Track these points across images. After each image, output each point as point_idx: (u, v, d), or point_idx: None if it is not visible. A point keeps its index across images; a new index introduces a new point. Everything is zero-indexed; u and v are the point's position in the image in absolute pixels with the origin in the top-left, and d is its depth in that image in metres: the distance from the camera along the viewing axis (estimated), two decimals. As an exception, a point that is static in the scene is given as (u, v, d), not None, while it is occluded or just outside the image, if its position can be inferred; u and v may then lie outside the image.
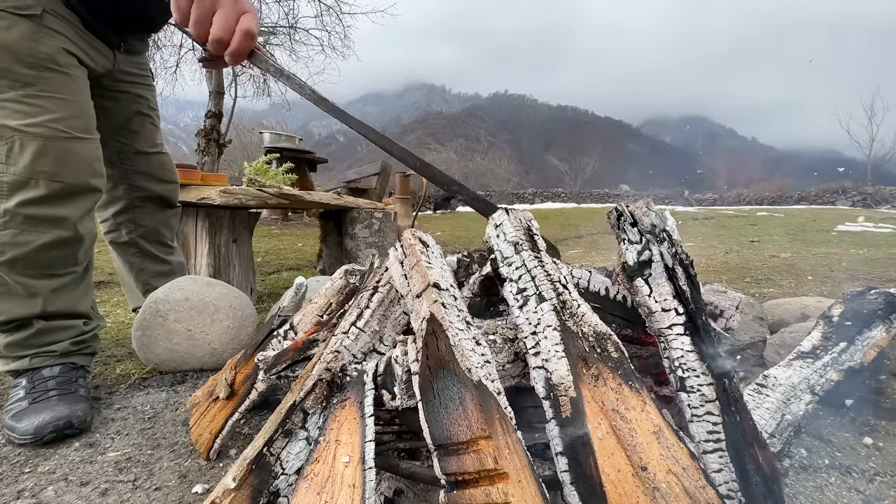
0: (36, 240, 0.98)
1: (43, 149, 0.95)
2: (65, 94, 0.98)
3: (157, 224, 1.49)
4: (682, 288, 0.62)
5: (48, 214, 0.98)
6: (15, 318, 1.04)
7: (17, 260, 0.98)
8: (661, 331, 0.63)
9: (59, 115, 0.96)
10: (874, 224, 6.60)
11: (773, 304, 1.65)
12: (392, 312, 0.78)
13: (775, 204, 16.59)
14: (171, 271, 1.56)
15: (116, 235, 1.45)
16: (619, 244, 0.68)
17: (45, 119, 0.94)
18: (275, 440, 0.63)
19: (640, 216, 0.66)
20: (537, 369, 0.61)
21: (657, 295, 0.63)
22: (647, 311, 0.64)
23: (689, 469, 0.50)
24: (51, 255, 1.02)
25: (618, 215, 0.69)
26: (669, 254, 0.64)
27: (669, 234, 0.65)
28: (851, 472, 0.84)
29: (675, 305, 0.62)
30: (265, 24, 9.43)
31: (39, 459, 0.91)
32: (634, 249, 0.66)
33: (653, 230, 0.65)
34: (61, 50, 0.98)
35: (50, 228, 0.99)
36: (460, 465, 0.51)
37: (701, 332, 0.61)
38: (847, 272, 2.94)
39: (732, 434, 0.56)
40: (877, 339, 1.04)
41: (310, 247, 4.60)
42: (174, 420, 1.07)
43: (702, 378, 0.58)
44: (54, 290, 1.06)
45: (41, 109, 0.94)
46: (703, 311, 0.63)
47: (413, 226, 3.24)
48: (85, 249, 1.11)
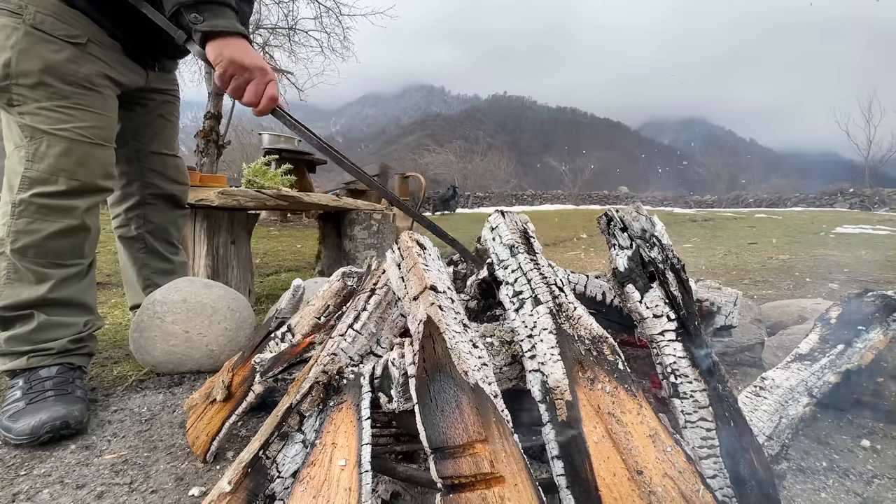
0: (47, 228, 1.08)
1: (67, 150, 1.09)
2: (94, 108, 1.14)
3: (165, 222, 1.55)
4: (673, 293, 0.62)
5: (60, 205, 1.09)
6: (20, 304, 1.08)
7: (28, 247, 1.07)
8: (652, 337, 0.63)
9: (85, 124, 1.12)
10: (872, 226, 6.61)
11: (771, 307, 1.65)
12: (389, 315, 0.78)
13: (774, 206, 16.62)
14: (174, 270, 1.59)
15: (126, 230, 1.52)
16: (610, 249, 0.67)
17: (72, 126, 1.10)
18: (271, 443, 0.63)
19: (630, 221, 0.66)
20: (533, 372, 0.60)
21: (648, 301, 0.63)
22: (638, 317, 0.64)
23: (685, 473, 0.50)
24: (60, 244, 1.10)
25: (608, 220, 0.69)
26: (660, 258, 0.64)
27: (659, 239, 0.65)
28: (849, 475, 0.84)
29: (666, 311, 0.62)
30: (264, 24, 9.44)
31: (35, 462, 0.90)
32: (625, 255, 0.66)
33: (643, 235, 0.65)
34: (98, 73, 1.15)
35: (60, 217, 1.09)
36: (457, 469, 0.51)
37: (693, 338, 0.60)
38: (845, 274, 2.95)
39: (727, 440, 0.55)
40: (874, 342, 1.04)
41: (308, 248, 4.59)
42: (171, 422, 1.07)
43: (695, 384, 0.58)
44: (62, 279, 1.12)
45: (71, 118, 1.10)
46: (696, 315, 0.63)
47: (412, 227, 3.25)
48: (90, 243, 1.18)
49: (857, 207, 14.44)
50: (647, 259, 0.64)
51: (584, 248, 4.82)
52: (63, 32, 1.08)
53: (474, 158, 45.09)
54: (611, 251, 0.68)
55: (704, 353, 0.60)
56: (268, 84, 1.00)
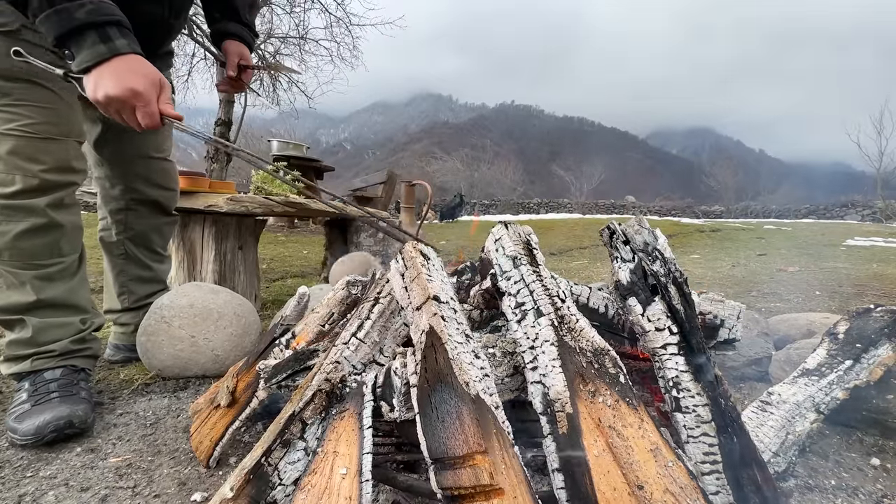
0: (13, 229, 1.05)
1: (17, 148, 1.04)
2: (40, 102, 1.07)
3: (147, 229, 1.49)
4: (675, 307, 0.62)
5: (20, 205, 1.06)
6: (9, 308, 1.08)
7: (1, 250, 1.06)
8: (654, 350, 0.62)
9: (31, 120, 1.05)
10: (884, 239, 6.52)
11: (778, 320, 1.63)
12: (392, 324, 0.79)
13: (783, 217, 16.44)
14: (153, 278, 1.54)
15: (107, 234, 1.48)
16: (612, 262, 0.67)
17: (17, 125, 1.04)
18: (273, 450, 0.63)
19: (632, 234, 0.66)
20: (535, 384, 0.61)
21: (650, 314, 0.63)
22: (640, 330, 0.64)
23: (686, 488, 0.50)
24: (31, 243, 1.08)
25: (610, 233, 0.69)
26: (662, 272, 0.64)
27: (662, 253, 0.65)
28: (858, 494, 0.83)
29: (668, 325, 0.62)
30: (276, 34, 9.61)
31: (41, 464, 0.91)
32: (627, 268, 0.66)
33: (645, 248, 0.65)
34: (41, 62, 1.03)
35: (24, 217, 1.06)
36: (456, 480, 0.51)
37: (696, 352, 0.60)
38: (856, 287, 2.90)
39: (729, 455, 0.55)
40: (883, 358, 1.03)
41: (315, 254, 4.62)
42: (175, 426, 1.08)
43: (697, 398, 0.57)
44: (42, 279, 1.10)
45: (16, 116, 1.04)
46: (698, 329, 0.62)
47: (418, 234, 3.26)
48: (67, 240, 1.14)
49: (868, 219, 14.25)
50: (649, 272, 0.64)
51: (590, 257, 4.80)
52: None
53: (481, 166, 45.22)
54: (613, 264, 0.68)
55: (707, 368, 0.59)
56: (145, 105, 0.91)
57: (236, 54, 1.39)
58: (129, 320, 1.50)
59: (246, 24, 1.43)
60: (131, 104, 0.90)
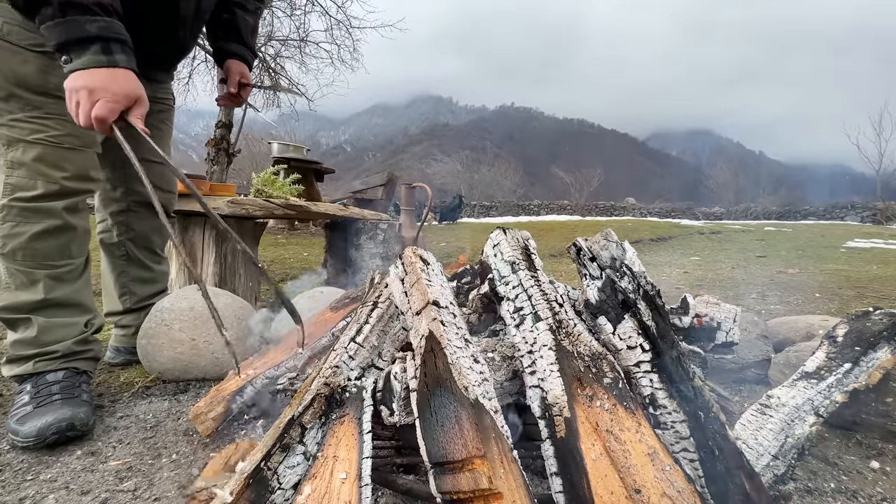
0: (30, 230, 1.10)
1: (42, 155, 1.11)
2: (66, 116, 1.12)
3: (148, 230, 1.53)
4: (646, 323, 0.60)
5: (39, 207, 1.12)
6: (18, 306, 1.11)
7: (16, 250, 1.10)
8: (628, 368, 0.61)
9: (58, 132, 1.13)
10: (884, 240, 6.51)
11: (778, 322, 1.63)
12: (391, 328, 0.79)
13: (783, 219, 16.43)
14: (154, 279, 1.58)
15: (108, 236, 1.51)
16: (581, 280, 0.66)
17: (45, 135, 1.12)
18: (273, 454, 0.63)
19: (598, 250, 0.65)
20: (533, 388, 0.61)
21: (621, 332, 0.62)
22: (613, 349, 0.62)
23: (684, 492, 0.50)
24: (45, 244, 1.13)
25: (577, 250, 0.68)
26: (630, 288, 0.63)
27: (630, 267, 0.64)
28: (858, 497, 0.83)
29: (640, 342, 0.60)
30: (277, 36, 9.64)
31: (42, 467, 0.92)
32: (595, 286, 0.65)
33: (612, 264, 0.64)
34: None
35: (42, 219, 1.12)
36: (455, 484, 0.51)
37: (670, 367, 0.59)
38: (856, 290, 2.90)
39: (712, 470, 0.54)
40: (882, 361, 1.03)
41: (315, 256, 4.62)
42: (176, 430, 1.08)
43: (674, 415, 0.56)
44: (53, 278, 1.14)
45: (45, 127, 1.12)
46: (675, 343, 0.61)
47: (418, 236, 3.26)
48: (77, 243, 1.20)
49: (868, 221, 14.23)
50: (618, 289, 0.63)
51: (590, 259, 4.80)
52: (29, 41, 1.07)
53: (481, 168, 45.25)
54: (582, 282, 0.67)
55: (684, 382, 0.59)
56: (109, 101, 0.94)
57: (238, 73, 1.49)
58: (130, 322, 1.51)
59: (248, 46, 1.52)
60: (98, 96, 0.93)
